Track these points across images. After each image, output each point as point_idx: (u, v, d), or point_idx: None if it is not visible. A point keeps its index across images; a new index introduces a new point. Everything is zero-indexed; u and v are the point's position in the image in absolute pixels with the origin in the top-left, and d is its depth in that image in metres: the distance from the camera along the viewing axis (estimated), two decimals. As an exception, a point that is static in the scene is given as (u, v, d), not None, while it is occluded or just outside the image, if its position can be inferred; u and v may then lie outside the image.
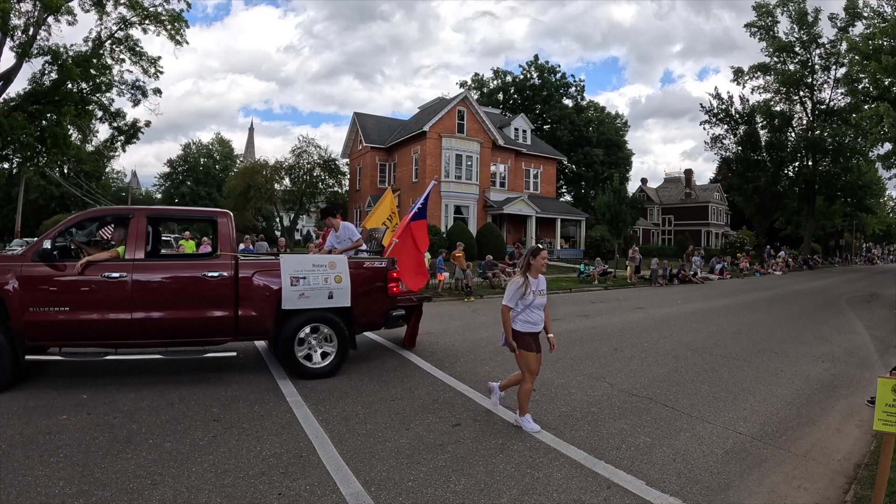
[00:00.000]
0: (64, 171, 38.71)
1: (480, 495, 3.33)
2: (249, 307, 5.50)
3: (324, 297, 5.75)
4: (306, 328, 5.76)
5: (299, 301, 5.64)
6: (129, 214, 5.56)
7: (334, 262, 5.91)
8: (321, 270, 5.78)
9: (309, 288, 5.67)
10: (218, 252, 5.70)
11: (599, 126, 51.88)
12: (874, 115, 22.40)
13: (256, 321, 5.54)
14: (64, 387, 5.20)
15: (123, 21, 24.32)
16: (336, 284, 5.82)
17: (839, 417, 5.08)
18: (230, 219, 5.89)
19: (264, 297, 5.56)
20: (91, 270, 5.10)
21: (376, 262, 6.39)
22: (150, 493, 3.19)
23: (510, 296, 4.35)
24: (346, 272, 5.91)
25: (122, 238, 5.48)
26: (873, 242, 77.80)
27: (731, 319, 11.73)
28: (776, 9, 38.58)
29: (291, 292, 5.60)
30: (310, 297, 5.68)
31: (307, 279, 5.68)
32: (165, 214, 6.76)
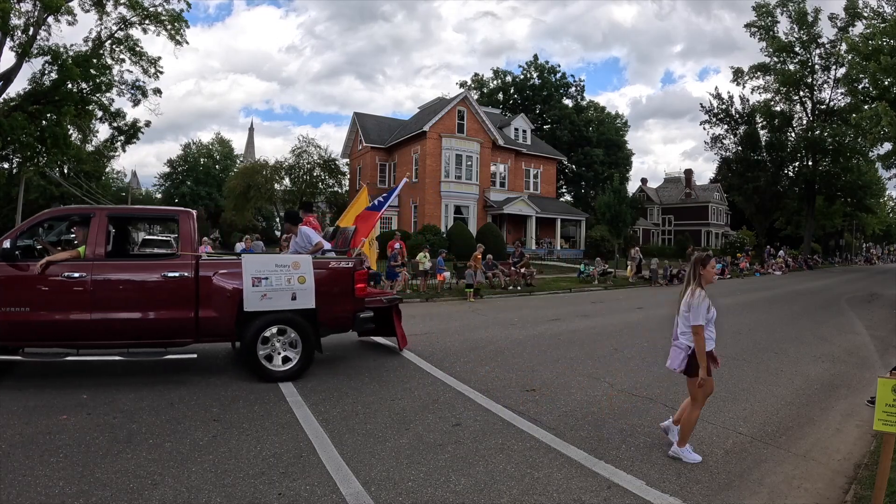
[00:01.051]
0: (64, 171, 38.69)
1: (480, 495, 3.33)
2: (210, 308, 5.38)
3: (287, 299, 5.58)
4: (270, 330, 5.59)
5: (261, 302, 5.47)
6: (90, 214, 5.49)
7: (298, 262, 5.73)
8: (284, 271, 5.60)
9: (271, 289, 5.51)
10: (178, 251, 5.58)
11: (599, 126, 51.88)
12: (874, 115, 22.39)
13: (217, 322, 5.42)
14: (64, 387, 5.20)
15: (123, 21, 24.31)
16: (299, 285, 5.64)
17: (839, 417, 5.08)
18: (192, 217, 5.74)
19: (225, 297, 5.43)
20: (52, 270, 5.05)
21: (342, 263, 6.15)
22: (150, 493, 3.18)
23: (702, 313, 3.76)
24: (310, 272, 5.71)
25: (83, 237, 5.43)
26: (873, 242, 77.82)
27: (731, 319, 11.73)
28: (776, 9, 38.61)
29: (253, 293, 5.44)
30: (272, 298, 5.51)
31: (269, 280, 5.51)
32: (127, 214, 6.63)
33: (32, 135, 22.50)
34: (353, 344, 7.89)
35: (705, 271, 3.92)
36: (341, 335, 8.51)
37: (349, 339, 8.28)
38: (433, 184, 29.85)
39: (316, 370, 6.25)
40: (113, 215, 5.93)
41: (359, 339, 8.22)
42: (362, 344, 7.89)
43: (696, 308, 3.79)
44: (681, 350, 3.93)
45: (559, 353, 7.64)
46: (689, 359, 3.87)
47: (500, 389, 5.64)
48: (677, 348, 3.97)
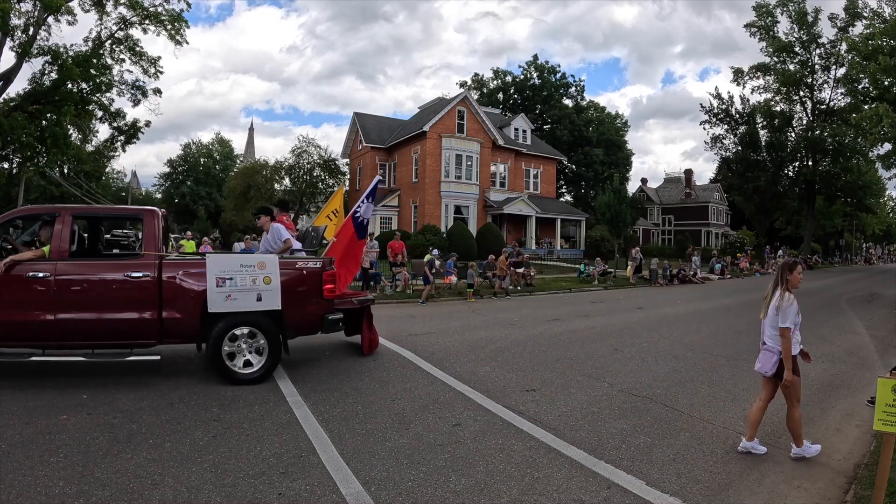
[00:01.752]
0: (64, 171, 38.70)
1: (480, 495, 3.33)
2: (173, 309, 5.31)
3: (252, 300, 5.46)
4: (235, 332, 5.47)
5: (226, 303, 5.36)
6: (55, 213, 5.44)
7: (264, 262, 5.60)
8: (249, 271, 5.48)
9: (236, 289, 5.39)
10: (142, 251, 5.52)
11: (599, 126, 51.89)
12: (874, 115, 22.39)
13: (181, 324, 5.34)
14: (64, 387, 5.19)
15: (123, 21, 24.32)
16: (265, 286, 5.51)
17: (839, 417, 5.08)
18: (157, 217, 5.65)
19: (189, 298, 5.34)
20: (17, 270, 5.01)
21: (310, 263, 6.00)
22: (150, 493, 3.18)
23: (792, 317, 3.88)
24: (276, 273, 5.58)
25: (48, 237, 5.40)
26: (873, 242, 77.86)
27: (731, 319, 11.74)
28: (776, 9, 38.59)
29: (217, 294, 5.33)
30: (237, 299, 5.40)
31: (234, 280, 5.39)
32: (91, 213, 6.56)
33: (32, 135, 22.51)
34: (352, 344, 7.88)
35: (791, 276, 4.06)
36: (341, 335, 8.53)
37: (349, 339, 8.28)
38: (433, 184, 29.85)
39: (316, 370, 6.26)
40: (77, 214, 5.86)
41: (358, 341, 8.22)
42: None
43: (785, 311, 3.92)
44: (773, 354, 4.04)
45: (559, 353, 7.64)
46: (780, 363, 3.99)
47: (500, 389, 5.64)
48: (769, 352, 4.08)
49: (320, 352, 7.27)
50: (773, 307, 4.04)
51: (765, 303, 4.17)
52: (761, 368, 4.15)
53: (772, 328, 4.05)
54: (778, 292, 4.04)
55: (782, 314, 3.92)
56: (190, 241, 17.48)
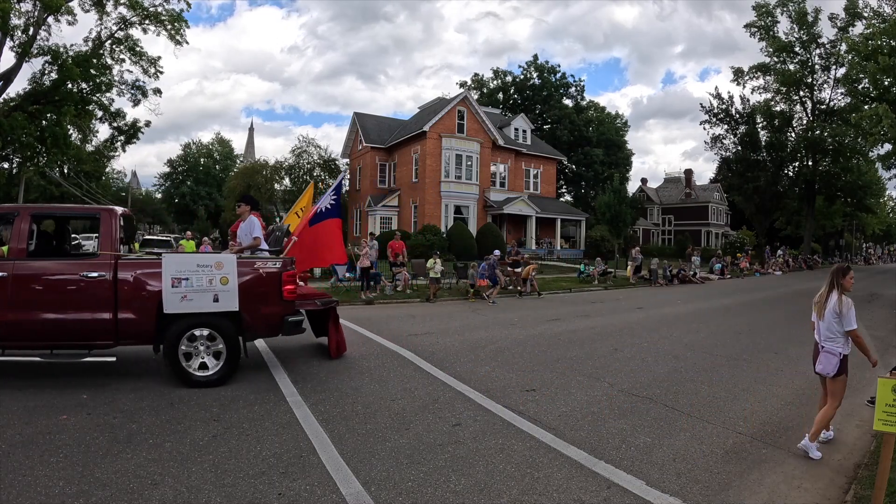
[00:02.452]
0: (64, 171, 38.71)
1: (480, 495, 3.33)
2: (129, 310, 5.22)
3: (208, 300, 5.33)
4: (191, 333, 5.35)
5: (181, 304, 5.25)
6: (14, 213, 5.42)
7: (221, 262, 5.46)
8: (206, 271, 5.34)
9: (192, 290, 5.27)
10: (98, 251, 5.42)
11: (599, 126, 51.88)
12: (874, 115, 22.40)
13: (136, 325, 5.26)
14: (64, 387, 5.20)
15: (123, 21, 24.32)
16: (222, 286, 5.37)
17: (839, 417, 5.07)
18: (115, 216, 5.55)
19: (144, 299, 5.24)
20: None
21: (269, 263, 5.82)
22: (150, 493, 3.18)
23: (853, 318, 4.11)
24: (233, 273, 5.42)
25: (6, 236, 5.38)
26: (873, 242, 77.90)
27: (731, 319, 11.74)
28: (776, 9, 38.58)
29: (173, 295, 5.22)
30: (193, 299, 5.28)
31: (190, 280, 5.27)
32: (50, 212, 6.48)
33: (32, 135, 22.51)
34: (352, 345, 7.89)
35: (844, 280, 4.27)
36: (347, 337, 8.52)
37: (349, 339, 8.28)
38: (433, 184, 29.85)
39: (316, 370, 6.26)
40: (36, 214, 5.83)
41: (358, 341, 8.22)
42: (362, 345, 7.89)
43: (846, 314, 4.12)
44: (834, 356, 4.18)
45: (559, 353, 7.64)
46: (840, 364, 4.16)
47: (500, 389, 5.64)
48: (830, 354, 4.20)
49: (320, 352, 7.27)
50: (831, 311, 4.19)
51: (818, 306, 4.35)
52: (823, 370, 4.26)
53: (829, 331, 4.20)
54: (834, 295, 4.22)
55: (846, 319, 4.11)
56: (190, 241, 17.47)
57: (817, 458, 4.10)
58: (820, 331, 4.31)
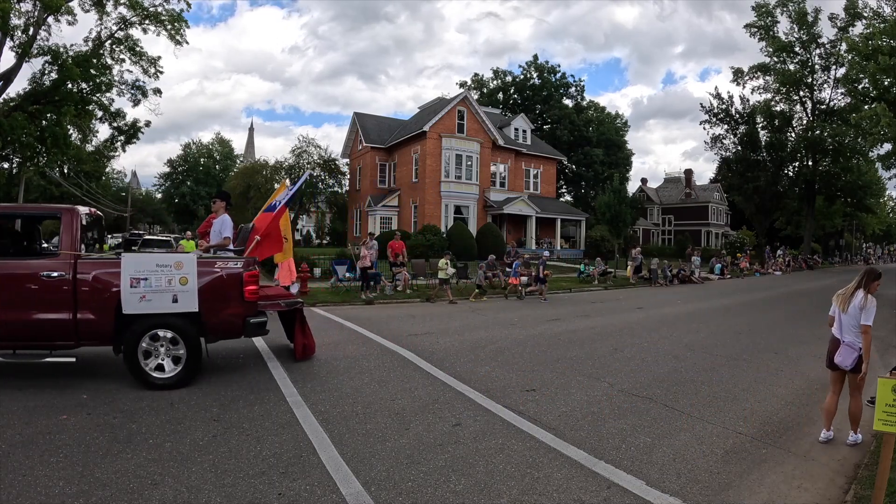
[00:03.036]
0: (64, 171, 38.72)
1: (480, 495, 3.33)
2: (88, 310, 5.14)
3: (167, 301, 5.23)
4: (151, 334, 5.28)
5: (140, 304, 5.16)
6: None
7: (181, 261, 5.37)
8: (165, 271, 5.25)
9: (151, 290, 5.18)
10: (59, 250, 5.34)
11: (599, 126, 51.88)
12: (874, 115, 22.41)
13: (95, 325, 5.19)
14: (64, 387, 5.20)
15: (123, 21, 24.33)
16: (181, 287, 5.27)
17: (839, 417, 5.06)
18: (76, 215, 5.47)
19: (103, 299, 5.16)
20: None
21: (230, 263, 5.67)
22: (150, 493, 3.18)
23: (872, 315, 4.28)
24: (193, 273, 5.31)
25: None
26: (873, 242, 77.92)
27: (731, 319, 11.74)
28: (776, 9, 38.60)
29: (132, 295, 5.13)
30: (152, 300, 5.19)
31: (149, 280, 5.19)
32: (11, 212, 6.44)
33: (32, 135, 22.51)
34: (352, 345, 7.89)
35: (872, 284, 4.47)
36: (346, 336, 8.52)
37: (349, 339, 8.28)
38: (433, 184, 29.85)
39: (316, 370, 6.26)
40: None
41: (358, 340, 8.22)
42: (362, 345, 7.89)
43: (868, 310, 4.29)
44: (854, 350, 4.36)
45: (559, 353, 7.64)
46: (859, 359, 4.36)
47: (500, 389, 5.64)
48: (850, 348, 4.38)
49: (320, 352, 7.26)
50: (856, 306, 4.35)
51: (841, 298, 4.53)
52: (842, 362, 4.41)
53: (853, 325, 4.38)
54: (861, 294, 4.38)
55: (866, 313, 4.29)
56: (190, 241, 17.46)
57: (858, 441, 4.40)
58: (842, 325, 4.45)
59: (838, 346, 4.46)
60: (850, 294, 4.43)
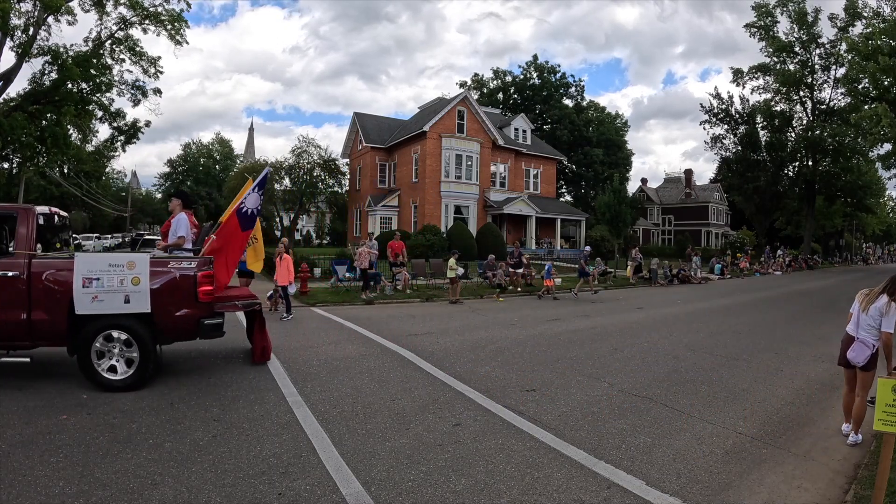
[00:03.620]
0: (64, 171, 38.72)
1: (480, 495, 3.33)
2: (41, 310, 5.09)
3: (119, 301, 5.14)
4: (103, 335, 5.20)
5: (92, 305, 5.09)
6: None
7: (133, 261, 5.28)
8: (117, 271, 5.17)
9: (103, 290, 5.11)
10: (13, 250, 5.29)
11: (599, 126, 51.90)
12: (874, 115, 22.42)
13: (49, 325, 5.13)
14: (64, 387, 5.20)
15: (123, 21, 24.35)
16: (133, 287, 5.18)
17: (839, 417, 5.07)
18: (31, 214, 5.41)
19: (56, 299, 5.11)
20: None
21: (184, 263, 5.57)
22: (150, 493, 3.18)
23: (893, 323, 4.30)
24: (145, 273, 5.23)
25: None
26: (873, 242, 77.94)
27: (731, 319, 11.74)
28: (776, 9, 38.62)
29: (84, 295, 5.07)
30: (104, 300, 5.11)
31: (101, 280, 5.11)
32: None
33: (32, 135, 22.52)
34: (352, 345, 7.89)
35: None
36: (346, 336, 8.52)
37: (349, 339, 8.28)
38: (433, 184, 29.85)
39: (316, 370, 6.26)
40: None
41: (358, 340, 8.22)
42: (362, 345, 7.89)
43: (890, 317, 4.32)
44: (867, 348, 4.44)
45: (559, 353, 7.64)
46: (871, 357, 4.41)
47: (500, 389, 5.64)
48: (863, 345, 4.45)
49: (320, 352, 7.27)
50: (877, 308, 4.39)
51: (865, 297, 4.56)
52: (854, 358, 4.49)
53: (870, 325, 4.44)
54: (885, 298, 4.41)
55: (887, 319, 4.33)
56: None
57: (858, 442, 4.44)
58: (859, 322, 4.51)
59: (851, 342, 4.54)
60: (875, 296, 4.47)
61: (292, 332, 8.69)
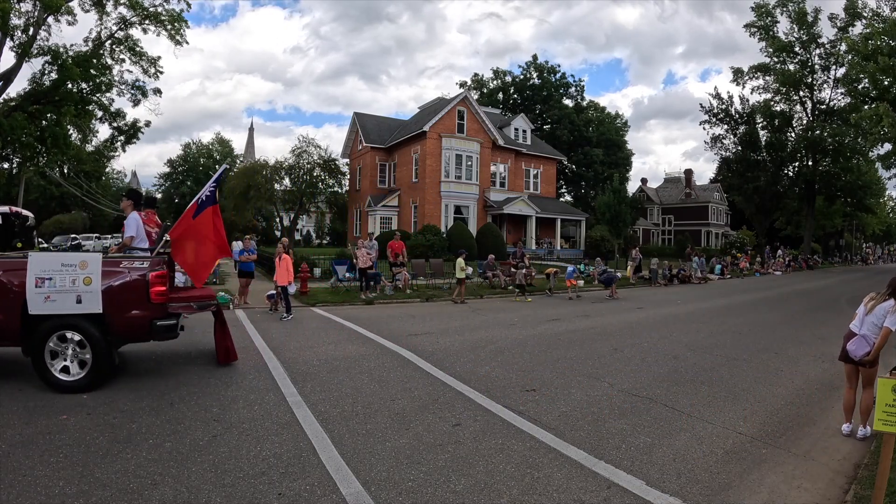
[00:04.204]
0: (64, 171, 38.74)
1: (480, 495, 3.33)
2: None
3: (72, 302, 5.09)
4: (58, 335, 5.15)
5: (45, 305, 5.04)
6: None
7: (86, 261, 5.23)
8: (70, 271, 5.12)
9: (55, 290, 5.06)
10: None
11: (599, 126, 51.91)
12: (874, 115, 22.42)
13: (2, 325, 5.10)
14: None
15: (123, 21, 24.32)
16: (85, 287, 5.13)
17: (839, 417, 5.07)
18: None
19: (10, 299, 5.07)
20: None
21: (136, 263, 5.48)
22: (150, 493, 3.18)
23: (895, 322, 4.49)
24: (97, 273, 5.17)
25: None
26: (873, 242, 77.94)
27: (731, 319, 11.73)
28: (776, 9, 38.60)
29: (36, 294, 5.04)
30: (56, 300, 5.07)
31: (53, 280, 5.07)
32: None
33: (32, 135, 22.51)
34: (352, 345, 7.89)
35: None
36: (346, 336, 8.52)
37: (349, 339, 8.28)
38: (433, 184, 29.85)
39: (316, 370, 6.26)
40: None
41: (358, 340, 8.22)
42: (362, 345, 7.89)
43: (894, 316, 4.47)
44: (867, 344, 4.62)
45: (559, 353, 7.64)
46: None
47: (500, 389, 5.64)
48: (864, 340, 4.65)
49: (320, 352, 7.27)
50: (883, 308, 4.59)
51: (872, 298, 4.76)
52: (854, 352, 4.67)
53: (873, 324, 4.61)
54: (892, 302, 4.58)
55: (892, 317, 4.49)
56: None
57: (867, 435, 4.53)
58: (863, 320, 4.71)
59: (853, 337, 4.68)
60: (883, 298, 4.65)
61: (292, 332, 8.69)
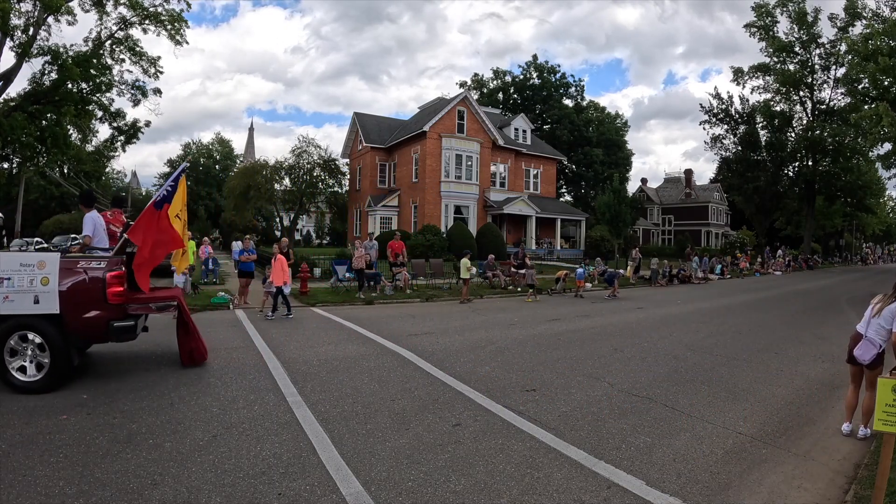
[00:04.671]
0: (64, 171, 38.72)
1: (480, 495, 3.33)
2: None
3: (29, 302, 5.09)
4: (15, 336, 5.14)
5: (3, 305, 5.05)
6: None
7: (44, 261, 5.22)
8: (28, 271, 5.13)
9: (13, 290, 5.06)
10: None
11: (599, 126, 51.90)
12: (874, 114, 22.41)
13: None
14: (64, 387, 5.19)
15: (123, 21, 24.32)
16: (43, 287, 5.12)
17: (839, 417, 5.07)
18: None
19: None
20: None
21: (93, 263, 5.43)
22: (150, 493, 3.18)
23: None
24: (55, 274, 5.17)
25: None
26: (873, 242, 77.95)
27: (731, 319, 11.73)
28: (776, 9, 38.62)
29: None
30: (14, 300, 5.06)
31: (12, 280, 5.07)
32: None
33: (32, 135, 22.50)
34: (352, 345, 7.89)
35: None
36: (346, 336, 8.52)
37: (349, 339, 8.28)
38: (433, 184, 29.84)
39: (316, 370, 6.26)
40: None
41: (358, 340, 8.22)
42: (362, 345, 7.89)
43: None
44: (873, 347, 4.61)
45: (559, 353, 7.64)
46: (878, 356, 4.57)
47: (500, 389, 5.64)
48: (870, 344, 4.62)
49: (320, 352, 7.27)
50: (890, 310, 4.55)
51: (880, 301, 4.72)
52: (861, 356, 4.64)
53: (880, 326, 4.58)
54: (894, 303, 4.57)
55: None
56: (190, 241, 17.47)
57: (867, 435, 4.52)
58: (870, 323, 4.67)
59: (860, 340, 4.66)
60: (888, 302, 4.63)
61: (292, 332, 8.69)
